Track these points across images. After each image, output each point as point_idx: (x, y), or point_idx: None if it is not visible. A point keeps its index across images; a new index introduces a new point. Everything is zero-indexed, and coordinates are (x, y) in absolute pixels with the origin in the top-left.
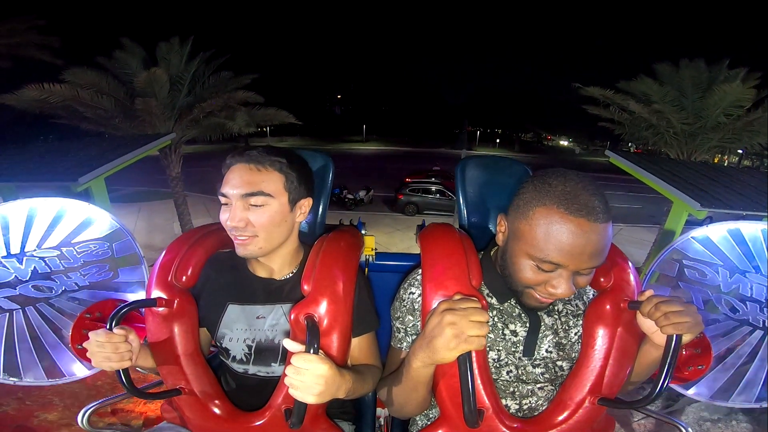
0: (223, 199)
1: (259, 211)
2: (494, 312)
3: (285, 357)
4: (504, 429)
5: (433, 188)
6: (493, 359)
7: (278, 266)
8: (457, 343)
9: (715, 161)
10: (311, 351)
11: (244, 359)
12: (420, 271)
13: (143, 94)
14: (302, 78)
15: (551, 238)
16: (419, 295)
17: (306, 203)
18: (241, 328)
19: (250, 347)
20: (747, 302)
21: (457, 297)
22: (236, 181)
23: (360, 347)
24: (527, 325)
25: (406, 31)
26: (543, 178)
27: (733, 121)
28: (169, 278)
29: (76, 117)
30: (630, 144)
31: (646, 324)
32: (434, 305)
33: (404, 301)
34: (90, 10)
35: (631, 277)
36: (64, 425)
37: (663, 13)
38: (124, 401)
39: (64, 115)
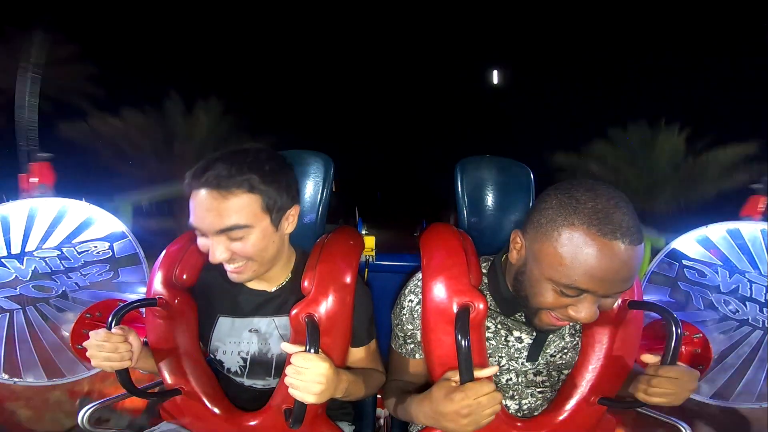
0: (196, 230)
1: (240, 243)
2: (498, 318)
3: (279, 370)
4: (504, 429)
5: None
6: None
7: (270, 278)
8: (470, 421)
9: None
10: (311, 350)
11: (239, 372)
12: (419, 276)
13: (183, 138)
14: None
15: (580, 263)
16: (417, 303)
17: (293, 212)
18: (234, 341)
19: (245, 359)
20: (747, 302)
21: (470, 385)
22: (203, 213)
23: (363, 357)
24: (533, 333)
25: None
26: (569, 192)
27: (677, 171)
28: (170, 278)
29: (116, 156)
30: None
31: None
32: (435, 303)
33: (403, 308)
34: (137, 63)
35: None
36: None
37: (612, 83)
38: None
39: (106, 154)
